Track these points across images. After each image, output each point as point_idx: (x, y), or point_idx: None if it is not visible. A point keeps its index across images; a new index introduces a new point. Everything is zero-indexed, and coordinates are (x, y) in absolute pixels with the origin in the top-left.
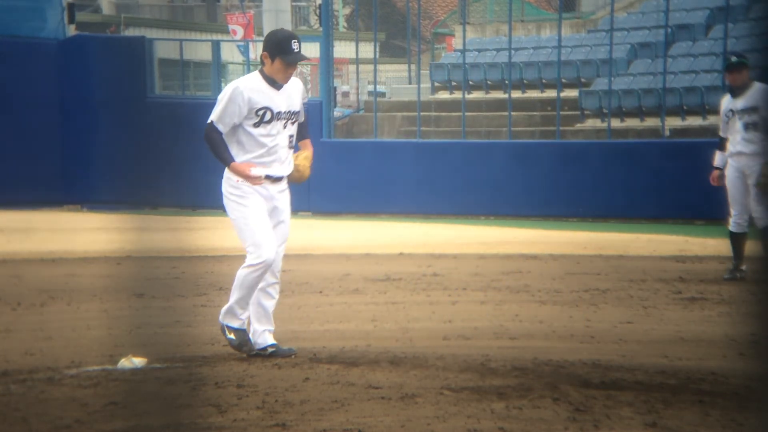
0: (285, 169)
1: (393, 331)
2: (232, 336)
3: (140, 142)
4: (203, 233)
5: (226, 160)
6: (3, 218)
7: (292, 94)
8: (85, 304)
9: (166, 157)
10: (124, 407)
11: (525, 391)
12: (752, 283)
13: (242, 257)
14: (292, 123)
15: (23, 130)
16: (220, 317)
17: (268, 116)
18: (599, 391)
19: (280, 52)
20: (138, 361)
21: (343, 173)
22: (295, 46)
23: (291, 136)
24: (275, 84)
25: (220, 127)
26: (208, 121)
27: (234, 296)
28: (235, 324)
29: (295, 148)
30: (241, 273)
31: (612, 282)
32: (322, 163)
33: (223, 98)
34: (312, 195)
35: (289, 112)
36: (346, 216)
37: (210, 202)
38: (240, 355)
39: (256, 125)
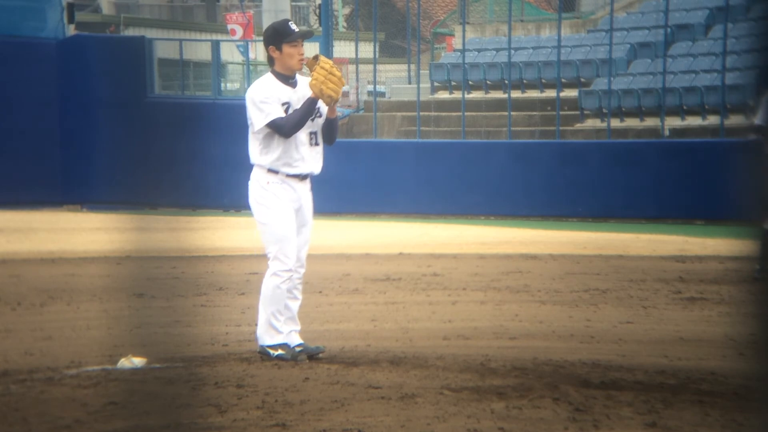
0: (309, 166)
1: (393, 331)
2: (280, 352)
3: (140, 142)
4: (203, 233)
5: (308, 108)
6: (3, 218)
7: (308, 93)
8: (85, 304)
9: (166, 157)
10: (124, 407)
11: (525, 391)
12: (752, 283)
13: (242, 257)
14: (311, 120)
15: (23, 130)
16: (259, 341)
17: (291, 112)
18: (599, 391)
19: (283, 38)
20: (138, 361)
21: (343, 173)
22: (293, 26)
23: (312, 134)
24: (288, 81)
25: (277, 116)
26: (265, 124)
27: (267, 311)
28: (278, 339)
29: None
30: (270, 285)
31: (612, 282)
32: (322, 163)
33: (255, 104)
34: (312, 195)
35: None
36: (346, 216)
37: (210, 202)
38: (240, 355)
39: None
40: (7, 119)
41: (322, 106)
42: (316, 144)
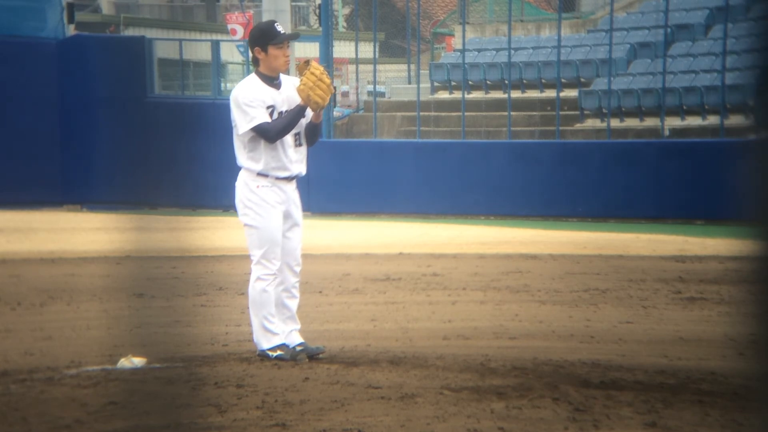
0: (297, 168)
1: (393, 331)
2: (279, 353)
3: (140, 142)
4: (203, 233)
5: (296, 115)
6: (3, 218)
7: (292, 94)
8: (85, 304)
9: (166, 157)
10: (124, 407)
11: (525, 391)
12: (752, 283)
13: (242, 257)
14: None
15: (23, 130)
16: (257, 345)
17: (275, 115)
18: (599, 391)
19: (269, 40)
20: (138, 361)
21: (343, 173)
22: (280, 28)
23: (297, 135)
24: (273, 82)
25: (262, 121)
26: (249, 128)
27: (258, 316)
28: (275, 341)
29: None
30: (256, 289)
31: (612, 282)
32: (322, 163)
33: (239, 106)
34: (312, 195)
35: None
36: (346, 216)
37: (210, 202)
38: (240, 355)
39: None
40: (7, 119)
41: (308, 110)
42: (300, 145)
